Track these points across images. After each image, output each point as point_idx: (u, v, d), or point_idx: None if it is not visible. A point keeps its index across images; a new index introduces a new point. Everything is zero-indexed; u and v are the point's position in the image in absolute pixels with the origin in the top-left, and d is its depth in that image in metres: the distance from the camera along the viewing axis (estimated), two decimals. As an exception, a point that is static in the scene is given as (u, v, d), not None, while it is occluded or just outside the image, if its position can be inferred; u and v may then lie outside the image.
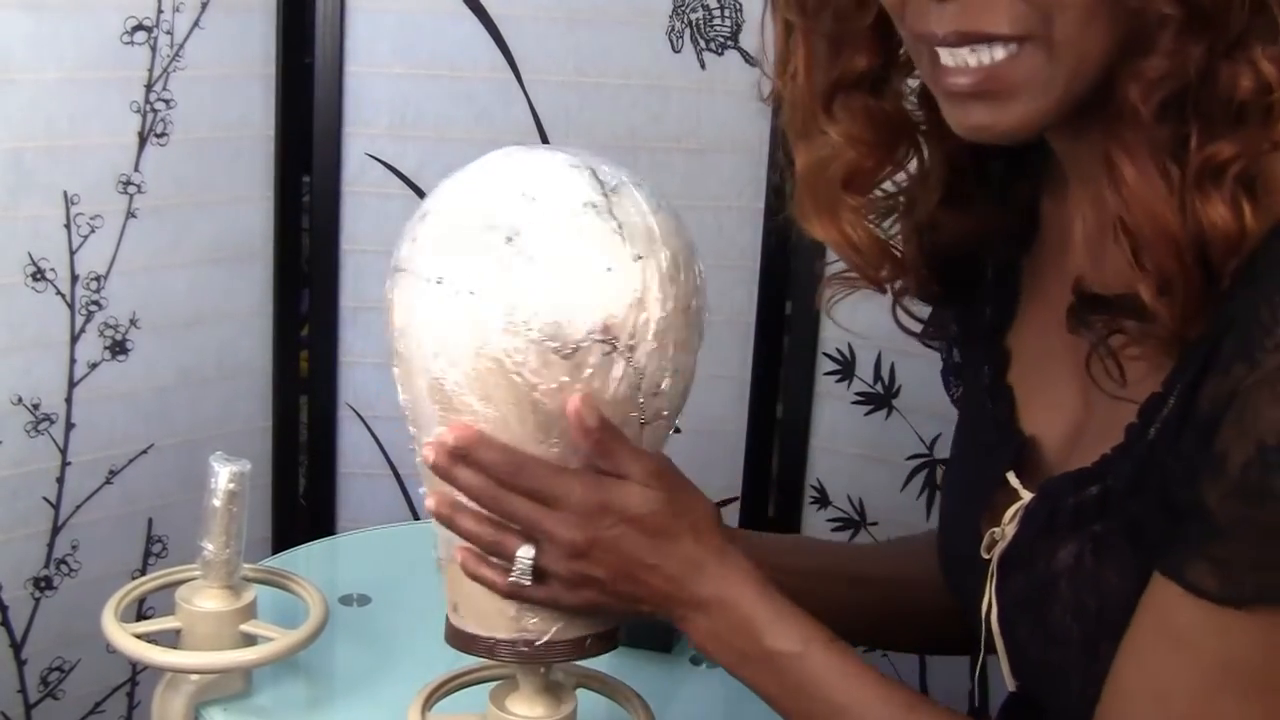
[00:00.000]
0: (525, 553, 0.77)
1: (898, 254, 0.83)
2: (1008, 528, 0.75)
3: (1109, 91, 0.65)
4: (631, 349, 0.76)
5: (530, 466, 0.77)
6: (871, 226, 0.81)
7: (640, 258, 0.77)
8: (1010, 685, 0.77)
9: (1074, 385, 0.76)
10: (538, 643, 0.83)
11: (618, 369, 0.76)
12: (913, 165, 0.82)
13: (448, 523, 0.79)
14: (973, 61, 0.66)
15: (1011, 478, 0.76)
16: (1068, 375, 0.76)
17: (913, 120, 0.79)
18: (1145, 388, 0.67)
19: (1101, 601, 0.68)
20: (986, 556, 0.76)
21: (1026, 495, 0.75)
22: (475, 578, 0.79)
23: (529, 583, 0.78)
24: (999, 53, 0.66)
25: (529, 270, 0.75)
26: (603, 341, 0.75)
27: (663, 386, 0.79)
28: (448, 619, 0.86)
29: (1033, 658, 0.74)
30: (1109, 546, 0.68)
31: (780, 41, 0.78)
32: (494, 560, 0.79)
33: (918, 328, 0.90)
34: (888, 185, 0.82)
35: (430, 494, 0.80)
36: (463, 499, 0.78)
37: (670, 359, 0.78)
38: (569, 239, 0.76)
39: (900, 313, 0.88)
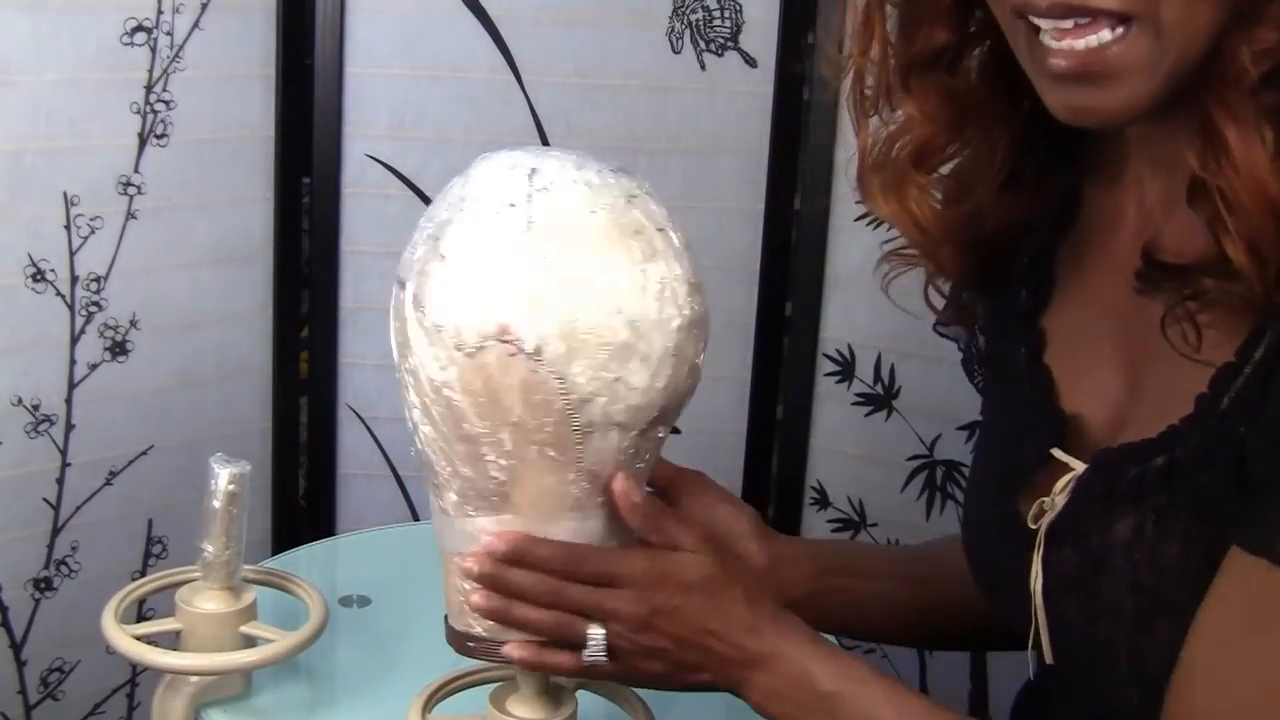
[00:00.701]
0: (596, 631, 0.79)
1: (960, 235, 0.82)
2: (1058, 498, 0.74)
3: (1206, 61, 0.65)
4: (538, 352, 0.75)
5: (589, 555, 0.79)
6: (936, 206, 0.81)
7: (547, 259, 0.75)
8: (1049, 659, 0.76)
9: (1116, 367, 0.76)
10: None
11: (522, 371, 0.76)
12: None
13: (504, 619, 0.80)
14: (1079, 45, 0.65)
15: (1059, 453, 0.76)
16: (1108, 356, 0.77)
17: (982, 99, 0.78)
18: (1215, 358, 0.67)
19: (1159, 576, 0.67)
20: (1034, 526, 0.75)
21: (1079, 466, 0.74)
22: (540, 666, 0.81)
23: (605, 659, 0.79)
24: (1105, 34, 0.64)
25: (440, 270, 0.76)
26: (504, 343, 0.75)
27: (597, 395, 0.76)
28: (450, 625, 0.86)
29: (1078, 632, 0.73)
30: (1171, 520, 0.67)
31: (856, 18, 0.78)
32: (555, 645, 0.80)
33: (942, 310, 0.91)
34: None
35: (477, 592, 0.80)
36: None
37: (602, 365, 0.76)
38: (477, 239, 0.76)
39: (932, 294, 0.89)
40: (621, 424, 0.78)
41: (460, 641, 0.85)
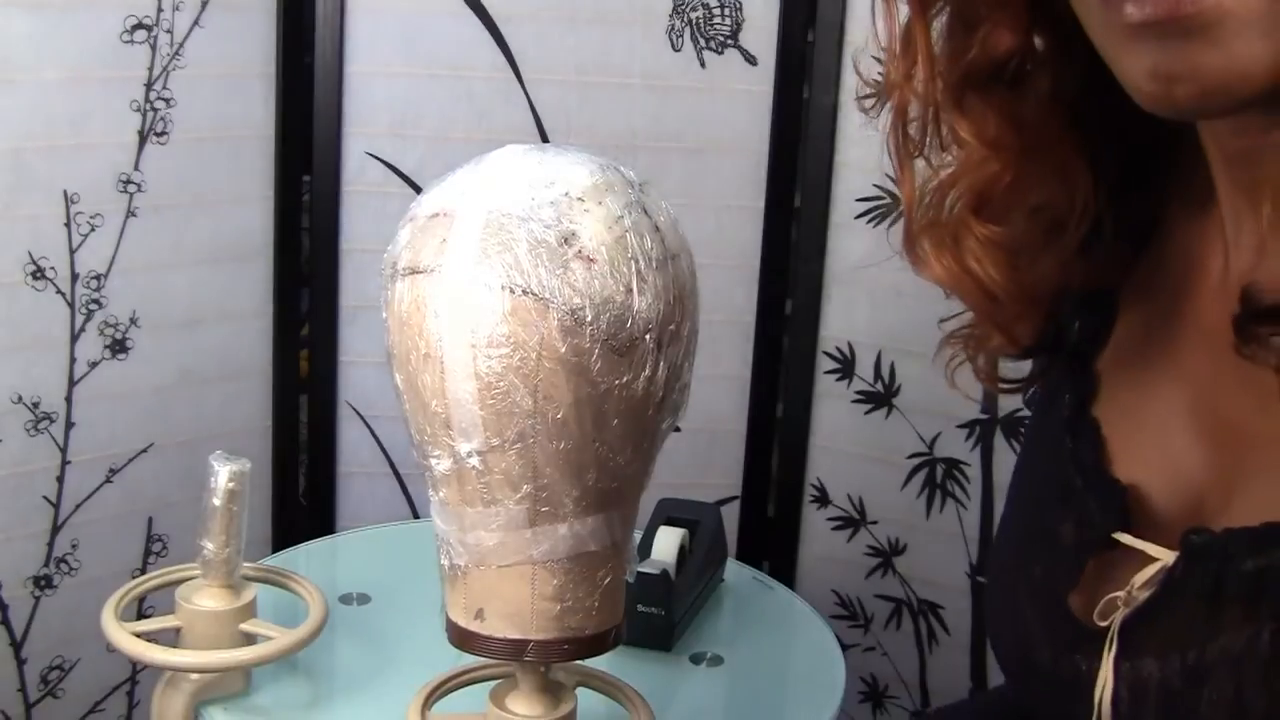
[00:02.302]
0: None
1: (1042, 301, 0.65)
2: (1138, 592, 0.59)
3: None
4: (667, 345, 0.79)
5: None
6: (1007, 265, 0.63)
7: (676, 256, 0.80)
8: None
9: (1191, 435, 0.61)
10: (574, 640, 0.83)
11: (661, 368, 0.79)
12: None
13: None
14: None
15: (1128, 539, 0.60)
16: (1180, 422, 0.62)
17: (1055, 124, 0.62)
18: None
19: (1272, 705, 0.53)
20: (1103, 624, 0.60)
21: (1165, 555, 0.58)
22: None
23: None
24: None
25: (589, 271, 0.76)
26: (652, 339, 0.78)
27: (682, 381, 0.82)
28: (457, 626, 0.85)
29: None
30: None
31: (893, 38, 0.62)
32: None
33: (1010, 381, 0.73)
34: None
35: None
36: None
37: (690, 355, 0.82)
38: (621, 239, 0.77)
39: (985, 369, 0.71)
40: (678, 413, 0.84)
41: (480, 643, 0.84)
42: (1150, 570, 0.59)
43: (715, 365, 1.57)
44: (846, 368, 1.57)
